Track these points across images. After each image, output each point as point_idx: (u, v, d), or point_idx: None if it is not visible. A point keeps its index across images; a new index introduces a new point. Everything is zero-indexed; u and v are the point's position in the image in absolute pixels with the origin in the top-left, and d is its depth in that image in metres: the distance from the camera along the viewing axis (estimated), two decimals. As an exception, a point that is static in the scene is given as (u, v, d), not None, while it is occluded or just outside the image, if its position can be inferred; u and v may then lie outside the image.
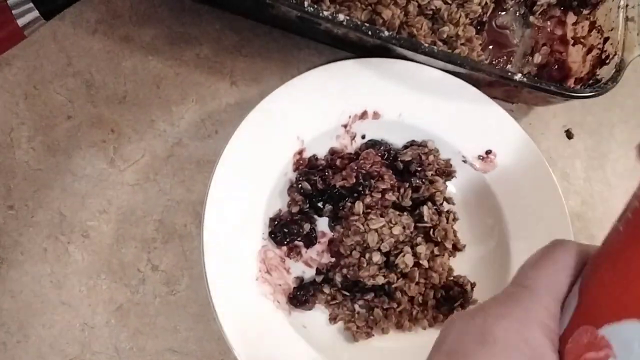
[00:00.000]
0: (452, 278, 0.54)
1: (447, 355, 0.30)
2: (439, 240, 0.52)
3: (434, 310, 0.53)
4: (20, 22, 0.43)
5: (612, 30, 0.57)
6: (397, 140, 0.56)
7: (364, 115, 0.53)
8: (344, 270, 0.51)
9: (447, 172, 0.55)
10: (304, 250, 0.53)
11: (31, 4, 0.42)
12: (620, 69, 0.54)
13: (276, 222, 0.51)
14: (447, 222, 0.53)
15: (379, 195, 0.51)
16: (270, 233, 0.51)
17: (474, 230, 0.56)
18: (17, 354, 0.48)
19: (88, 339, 0.48)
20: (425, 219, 0.52)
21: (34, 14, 0.43)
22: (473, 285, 0.54)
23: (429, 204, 0.53)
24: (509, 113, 0.55)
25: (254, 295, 0.48)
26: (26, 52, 0.52)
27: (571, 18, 0.62)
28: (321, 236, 0.54)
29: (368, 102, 0.53)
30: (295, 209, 0.52)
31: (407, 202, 0.53)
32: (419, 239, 0.52)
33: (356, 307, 0.52)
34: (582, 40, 0.60)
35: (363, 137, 0.55)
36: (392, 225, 0.50)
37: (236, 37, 0.56)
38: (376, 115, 0.54)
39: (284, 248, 0.52)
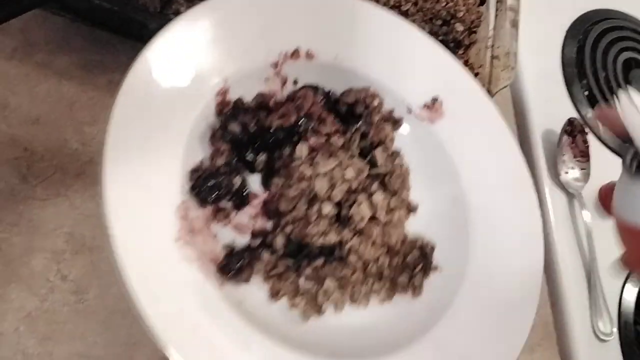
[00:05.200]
0: (407, 241, 0.49)
1: None
2: (395, 190, 0.47)
3: (390, 280, 0.47)
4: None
5: (480, 67, 0.65)
6: (333, 86, 0.50)
7: (295, 54, 0.48)
8: (288, 229, 0.43)
9: (394, 120, 0.51)
10: (233, 213, 0.44)
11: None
12: (487, 99, 0.62)
13: (199, 175, 0.43)
14: (401, 171, 0.49)
15: (324, 140, 0.45)
16: (192, 187, 0.42)
17: (426, 188, 0.51)
18: None
19: (-4, 345, 0.51)
20: (380, 162, 0.47)
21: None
22: (432, 248, 0.49)
23: (381, 147, 0.48)
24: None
25: (174, 262, 0.39)
26: (-58, 75, 0.55)
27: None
28: (252, 198, 0.45)
29: (300, 39, 0.47)
30: (220, 161, 0.44)
31: (356, 150, 0.47)
32: (375, 186, 0.46)
33: (301, 281, 0.44)
34: (457, 75, 0.69)
35: (295, 82, 0.49)
36: (344, 168, 0.44)
37: (148, 66, 0.61)
38: (309, 55, 0.48)
39: (209, 209, 0.43)
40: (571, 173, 0.75)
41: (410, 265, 0.47)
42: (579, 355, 0.66)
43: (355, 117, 0.49)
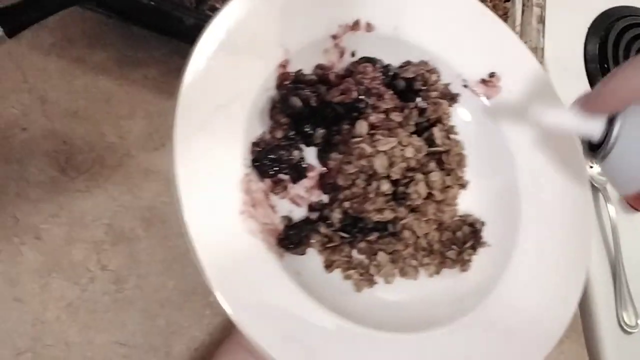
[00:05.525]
0: (457, 217, 0.49)
1: None
2: (452, 168, 0.47)
3: (440, 254, 0.47)
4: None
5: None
6: (391, 59, 0.49)
7: (355, 26, 0.47)
8: (346, 204, 0.43)
9: (450, 95, 0.50)
10: (290, 185, 0.45)
11: (-4, 23, 0.46)
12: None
13: (260, 148, 0.43)
14: (458, 149, 0.48)
15: (383, 116, 0.45)
16: (254, 160, 0.42)
17: (478, 165, 0.50)
18: (-32, 349, 0.50)
19: (39, 333, 0.52)
20: (438, 141, 0.46)
21: (-2, 32, 0.48)
22: (483, 224, 0.49)
23: (439, 126, 0.47)
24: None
25: (239, 233, 0.39)
26: (-18, 70, 0.56)
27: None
28: (308, 170, 0.46)
29: (360, 10, 0.47)
30: (279, 134, 0.44)
31: (411, 128, 0.46)
32: (432, 165, 0.46)
33: (354, 252, 0.45)
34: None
35: (353, 54, 0.49)
36: (403, 147, 0.43)
37: (182, 61, 0.62)
38: (369, 27, 0.48)
39: (267, 181, 0.44)
40: (596, 167, 0.76)
41: (460, 240, 0.47)
42: (605, 347, 0.67)
43: (413, 92, 0.48)
